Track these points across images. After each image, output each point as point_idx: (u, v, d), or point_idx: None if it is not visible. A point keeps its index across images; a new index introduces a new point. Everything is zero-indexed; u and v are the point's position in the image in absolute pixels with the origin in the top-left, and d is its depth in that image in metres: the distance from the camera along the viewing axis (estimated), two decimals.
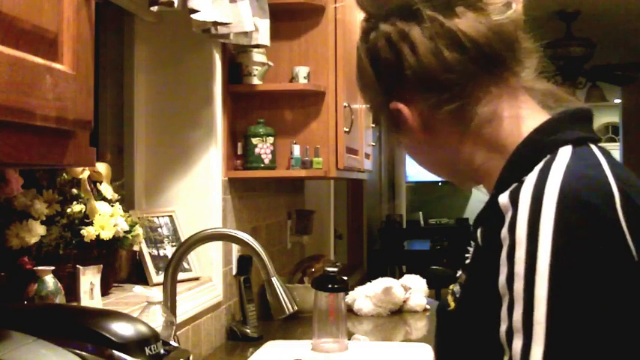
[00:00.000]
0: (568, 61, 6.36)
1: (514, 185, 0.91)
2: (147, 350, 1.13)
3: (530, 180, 0.89)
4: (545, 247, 0.83)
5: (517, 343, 0.83)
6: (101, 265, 1.71)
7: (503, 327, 0.86)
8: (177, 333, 1.79)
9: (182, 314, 2.02)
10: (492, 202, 0.94)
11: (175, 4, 1.84)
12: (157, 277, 2.14)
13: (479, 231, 0.96)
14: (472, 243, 1.00)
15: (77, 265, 1.64)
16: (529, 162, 0.93)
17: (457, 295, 0.99)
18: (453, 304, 0.99)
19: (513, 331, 0.84)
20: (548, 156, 0.92)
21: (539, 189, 0.87)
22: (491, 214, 0.93)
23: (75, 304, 1.60)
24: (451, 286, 1.04)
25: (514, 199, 0.89)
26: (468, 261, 1.01)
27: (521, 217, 0.86)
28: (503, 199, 0.90)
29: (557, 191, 0.85)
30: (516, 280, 0.84)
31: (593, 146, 0.96)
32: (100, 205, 1.75)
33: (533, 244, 0.84)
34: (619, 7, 5.94)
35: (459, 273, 1.03)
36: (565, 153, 0.92)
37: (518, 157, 0.97)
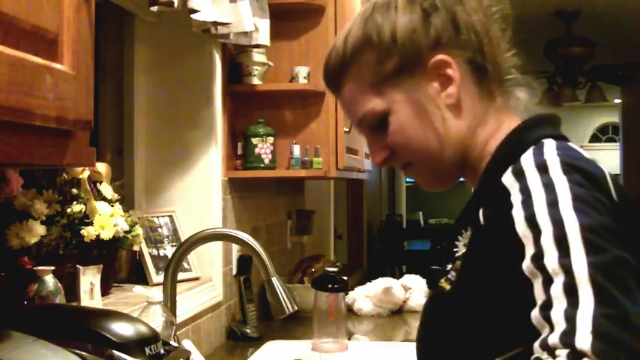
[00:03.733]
0: (568, 61, 6.37)
1: (510, 167, 0.96)
2: (147, 350, 1.12)
3: (527, 158, 0.95)
4: (569, 211, 0.87)
5: (559, 310, 0.82)
6: (101, 265, 1.71)
7: (539, 303, 0.85)
8: (177, 333, 1.79)
9: (182, 314, 2.02)
10: (490, 185, 0.98)
11: (175, 4, 1.84)
12: (157, 277, 2.14)
13: (481, 213, 0.97)
14: (463, 232, 1.05)
15: (77, 265, 1.64)
16: (518, 148, 0.99)
17: (452, 279, 1.03)
18: (448, 286, 1.03)
19: (552, 301, 0.83)
20: (535, 145, 0.99)
21: (540, 161, 0.93)
22: (493, 196, 0.96)
23: (75, 304, 1.60)
24: (442, 282, 1.06)
25: (518, 173, 0.93)
26: (462, 250, 1.04)
27: (534, 185, 0.91)
28: (507, 178, 0.94)
29: (559, 161, 0.92)
30: (547, 256, 0.85)
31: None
32: (100, 205, 1.75)
33: (554, 208, 0.87)
34: (619, 7, 5.94)
35: (450, 266, 1.06)
36: (550, 142, 0.99)
37: (508, 144, 1.04)
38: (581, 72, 6.69)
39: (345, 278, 2.37)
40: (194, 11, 1.93)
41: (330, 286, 2.30)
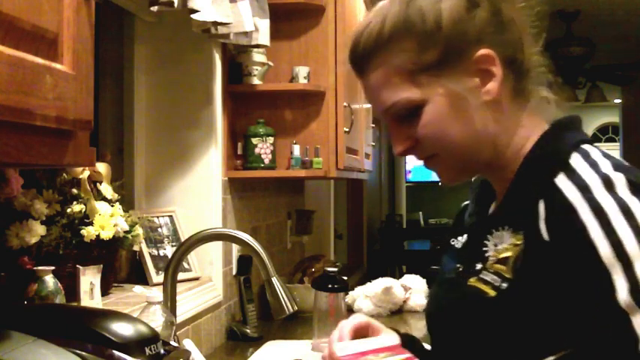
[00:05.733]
0: (568, 61, 6.36)
1: (564, 173, 0.97)
2: (147, 350, 1.12)
3: (584, 169, 0.97)
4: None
5: None
6: (101, 265, 1.71)
7: (625, 290, 0.89)
8: (178, 333, 1.79)
9: (182, 314, 2.02)
10: (530, 185, 1.00)
11: (175, 4, 1.84)
12: (157, 277, 2.14)
13: (544, 227, 0.97)
14: (493, 231, 1.04)
15: (77, 265, 1.64)
16: (557, 150, 1.01)
17: (497, 284, 1.00)
18: (492, 292, 1.00)
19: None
20: (576, 150, 1.00)
21: (603, 176, 0.95)
22: (551, 207, 0.96)
23: (75, 304, 1.60)
24: (473, 282, 1.03)
25: (583, 189, 0.94)
26: (492, 250, 1.03)
27: (609, 207, 0.92)
28: (569, 190, 0.95)
29: (624, 179, 0.94)
30: (627, 244, 0.89)
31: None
32: (100, 205, 1.75)
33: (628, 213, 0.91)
34: (619, 7, 5.94)
35: (479, 265, 1.04)
36: (594, 150, 1.01)
37: (545, 145, 1.04)
38: (581, 72, 6.69)
39: (345, 278, 2.37)
40: (194, 11, 1.93)
41: (330, 286, 2.30)
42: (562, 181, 0.97)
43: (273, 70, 2.59)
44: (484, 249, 1.05)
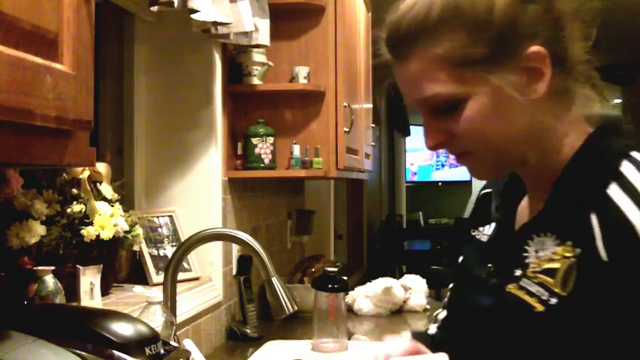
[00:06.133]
0: None
1: (616, 186, 0.94)
2: (147, 350, 1.12)
3: (638, 180, 0.94)
4: None
5: None
6: (101, 265, 1.71)
7: None
8: (178, 333, 1.79)
9: (182, 314, 2.02)
10: (577, 192, 0.97)
11: (175, 4, 1.84)
12: (157, 277, 2.14)
13: (602, 246, 0.93)
14: (534, 237, 1.00)
15: (77, 265, 1.64)
16: (605, 158, 0.98)
17: (544, 298, 0.96)
18: (540, 306, 0.96)
19: None
20: (628, 160, 0.97)
21: None
22: (610, 226, 0.93)
23: (75, 304, 1.60)
24: (513, 289, 0.99)
25: None
26: (533, 256, 0.99)
27: None
28: (629, 209, 0.92)
29: None
30: None
31: None
32: (100, 205, 1.75)
33: None
34: (619, 7, 5.94)
35: (518, 272, 1.00)
36: None
37: (590, 150, 1.01)
38: None
39: (345, 278, 2.36)
40: (194, 11, 1.93)
41: (330, 286, 2.29)
42: (616, 192, 0.94)
43: (273, 70, 2.59)
44: (524, 254, 1.01)
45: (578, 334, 0.94)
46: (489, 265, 1.08)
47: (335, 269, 2.34)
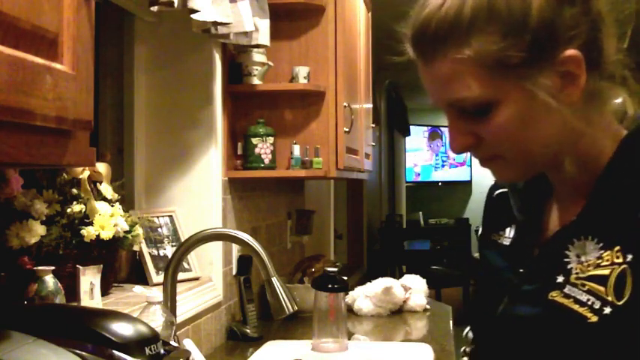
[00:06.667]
0: None
1: None
2: (147, 350, 1.12)
3: None
4: None
5: None
6: (101, 265, 1.71)
7: None
8: (178, 333, 1.79)
9: (182, 314, 2.02)
10: (617, 198, 0.94)
11: (175, 4, 1.84)
12: (157, 277, 2.14)
13: None
14: (574, 241, 0.97)
15: (77, 265, 1.64)
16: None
17: (596, 307, 0.92)
18: (593, 316, 0.91)
19: None
20: None
21: None
22: None
23: (75, 304, 1.60)
24: (557, 297, 0.95)
25: None
26: (575, 261, 0.96)
27: None
28: None
29: None
30: None
31: None
32: (100, 205, 1.75)
33: None
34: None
35: (560, 278, 0.96)
36: None
37: (630, 152, 0.97)
38: None
39: (345, 278, 2.37)
40: (194, 11, 1.93)
41: (330, 286, 2.29)
42: None
43: (273, 70, 2.59)
44: (565, 260, 0.97)
45: (634, 345, 0.90)
46: (520, 270, 1.04)
47: (335, 269, 2.34)
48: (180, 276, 2.01)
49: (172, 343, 1.42)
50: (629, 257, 0.91)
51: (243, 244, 1.84)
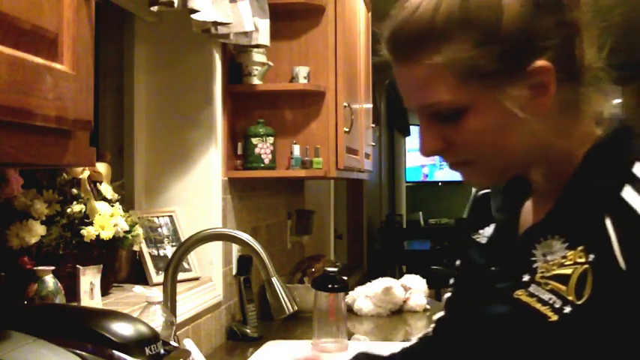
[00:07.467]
0: None
1: (631, 189, 0.91)
2: (147, 350, 1.12)
3: None
4: None
5: None
6: (101, 265, 1.71)
7: None
8: (178, 333, 1.79)
9: (182, 314, 2.02)
10: (591, 198, 0.94)
11: (175, 4, 1.84)
12: (157, 277, 2.14)
13: (619, 253, 0.89)
14: (541, 240, 0.97)
15: (77, 265, 1.64)
16: (619, 163, 0.95)
17: (557, 306, 0.92)
18: (554, 315, 0.92)
19: None
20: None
21: None
22: (624, 228, 0.90)
23: (75, 304, 1.60)
24: (522, 295, 0.96)
25: None
26: (541, 260, 0.96)
27: None
28: None
29: None
30: None
31: None
32: (100, 205, 1.75)
33: None
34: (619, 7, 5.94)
35: (526, 277, 0.97)
36: None
37: (599, 158, 0.97)
38: None
39: (345, 278, 2.37)
40: (194, 11, 1.93)
41: (330, 286, 2.30)
42: (631, 195, 0.91)
43: (273, 70, 2.59)
44: (531, 258, 0.97)
45: (593, 345, 0.90)
46: (492, 268, 1.05)
47: (335, 269, 2.35)
48: (180, 276, 2.01)
49: (172, 343, 1.42)
50: (591, 257, 0.92)
51: (243, 244, 1.84)
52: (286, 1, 2.60)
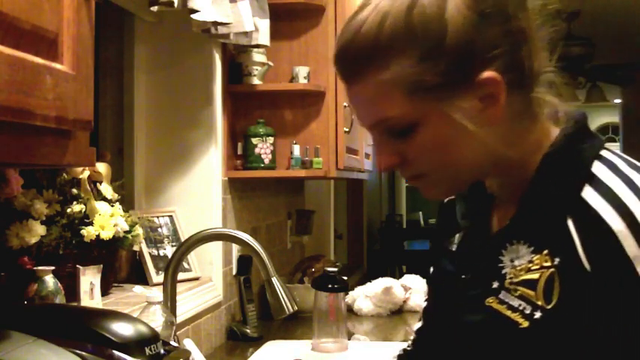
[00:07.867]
0: (568, 61, 6.36)
1: (590, 188, 0.91)
2: (147, 350, 1.12)
3: (624, 193, 0.90)
4: None
5: None
6: (101, 265, 1.71)
7: None
8: (178, 333, 1.79)
9: (182, 314, 2.02)
10: (552, 200, 0.94)
11: (175, 4, 1.84)
12: (157, 277, 2.14)
13: (583, 255, 0.89)
14: (507, 245, 0.97)
15: (77, 265, 1.64)
16: (577, 161, 0.95)
17: (527, 312, 0.92)
18: (524, 322, 0.92)
19: None
20: (601, 163, 0.95)
21: (635, 187, 0.90)
22: (586, 228, 0.90)
23: (75, 304, 1.60)
24: (493, 303, 0.96)
25: (626, 215, 0.88)
26: (509, 266, 0.96)
27: None
28: (613, 219, 0.88)
29: None
30: None
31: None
32: (100, 205, 1.75)
33: None
34: (619, 7, 5.94)
35: (495, 284, 0.96)
36: (621, 163, 0.95)
37: (557, 159, 0.97)
38: (581, 72, 6.69)
39: (345, 278, 2.37)
40: (194, 11, 1.93)
41: (330, 286, 2.30)
42: (591, 196, 0.91)
43: (273, 70, 2.59)
44: (499, 265, 0.97)
45: (565, 348, 0.90)
46: (463, 276, 1.04)
47: (335, 269, 2.35)
48: (180, 276, 2.01)
49: (172, 343, 1.42)
50: (557, 261, 0.91)
51: (243, 244, 1.84)
52: (286, 1, 2.60)
